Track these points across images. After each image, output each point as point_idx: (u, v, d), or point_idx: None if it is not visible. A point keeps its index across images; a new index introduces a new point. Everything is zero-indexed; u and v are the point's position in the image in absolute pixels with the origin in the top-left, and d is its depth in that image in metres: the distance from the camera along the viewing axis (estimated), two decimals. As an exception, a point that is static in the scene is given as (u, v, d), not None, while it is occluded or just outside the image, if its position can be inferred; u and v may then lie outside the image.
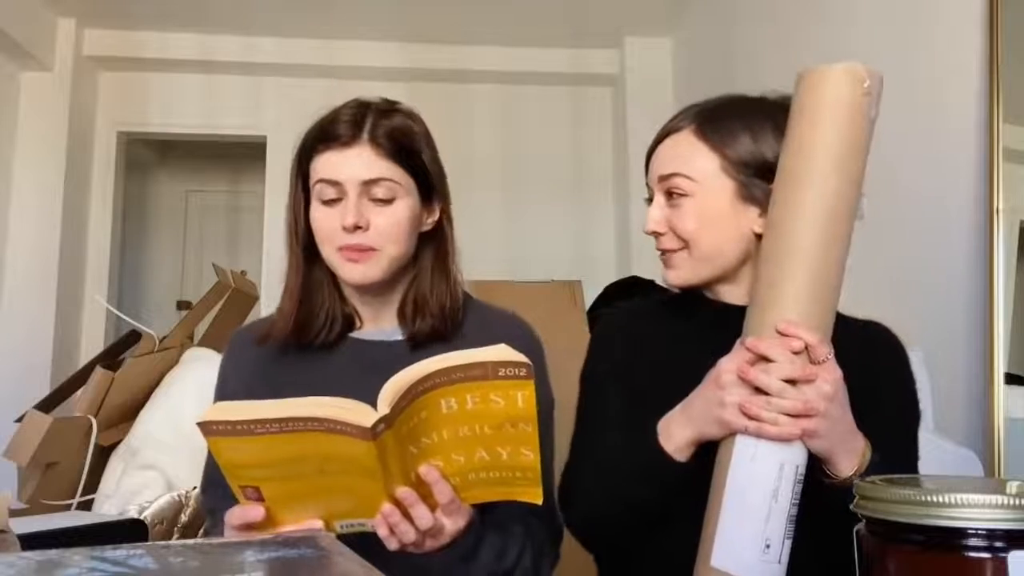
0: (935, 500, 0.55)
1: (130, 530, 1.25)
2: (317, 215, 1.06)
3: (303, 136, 1.09)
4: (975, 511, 0.54)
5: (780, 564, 0.85)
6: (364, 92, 1.13)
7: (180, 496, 1.58)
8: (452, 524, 0.88)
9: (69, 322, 3.91)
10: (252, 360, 1.14)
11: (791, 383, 0.85)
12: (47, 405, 2.00)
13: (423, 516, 0.84)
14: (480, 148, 4.11)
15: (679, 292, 1.09)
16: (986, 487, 0.55)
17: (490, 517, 0.95)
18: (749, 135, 1.01)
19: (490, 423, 0.81)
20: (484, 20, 3.85)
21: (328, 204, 1.05)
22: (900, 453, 0.99)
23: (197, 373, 1.89)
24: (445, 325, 1.10)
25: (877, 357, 1.03)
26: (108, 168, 4.16)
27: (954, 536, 0.54)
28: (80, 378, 2.06)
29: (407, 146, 1.06)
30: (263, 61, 4.06)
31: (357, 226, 1.03)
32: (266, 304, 3.01)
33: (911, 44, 1.94)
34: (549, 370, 1.13)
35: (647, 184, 1.08)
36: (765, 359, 0.86)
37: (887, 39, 2.04)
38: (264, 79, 4.16)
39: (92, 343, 3.93)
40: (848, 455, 0.87)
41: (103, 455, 1.87)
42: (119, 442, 1.89)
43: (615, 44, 4.05)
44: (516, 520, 1.01)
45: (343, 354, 1.11)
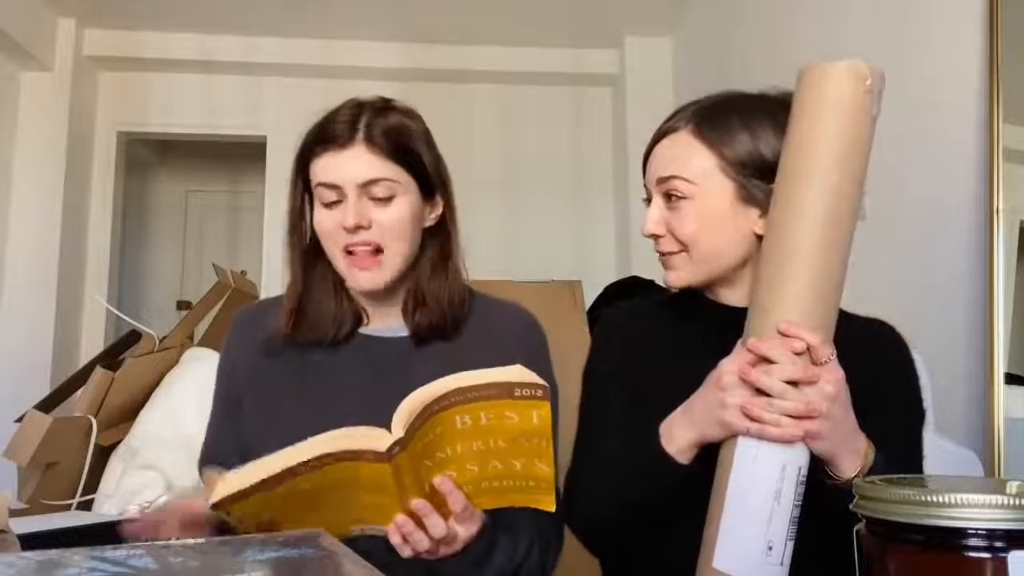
0: (935, 500, 0.55)
1: (130, 530, 1.25)
2: (320, 218, 1.06)
3: (302, 139, 1.09)
4: (975, 511, 0.54)
5: (783, 566, 0.84)
6: (364, 92, 1.12)
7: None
8: (465, 531, 0.88)
9: (69, 322, 3.91)
10: (260, 342, 1.12)
11: (793, 384, 0.85)
12: (47, 405, 2.00)
13: (437, 525, 0.85)
14: (480, 148, 4.11)
15: (679, 292, 1.09)
16: (986, 487, 0.55)
17: (499, 518, 0.95)
18: (748, 134, 0.99)
19: (504, 437, 0.81)
20: (484, 20, 3.84)
21: (330, 207, 1.05)
22: (904, 453, 0.98)
23: (197, 373, 1.89)
24: (445, 321, 1.10)
25: (880, 356, 1.02)
26: (108, 168, 4.16)
27: (954, 536, 0.54)
28: (80, 378, 2.05)
29: (404, 144, 1.06)
30: (263, 61, 4.06)
31: (359, 226, 1.03)
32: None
33: (911, 44, 1.94)
34: (550, 370, 1.13)
35: (645, 185, 1.07)
36: (767, 360, 0.86)
37: (887, 39, 2.04)
38: (264, 79, 4.16)
39: (92, 343, 3.93)
40: (850, 456, 0.87)
41: (103, 455, 1.87)
42: (119, 442, 1.89)
43: (615, 44, 4.05)
44: (524, 517, 0.99)
45: (350, 351, 1.11)
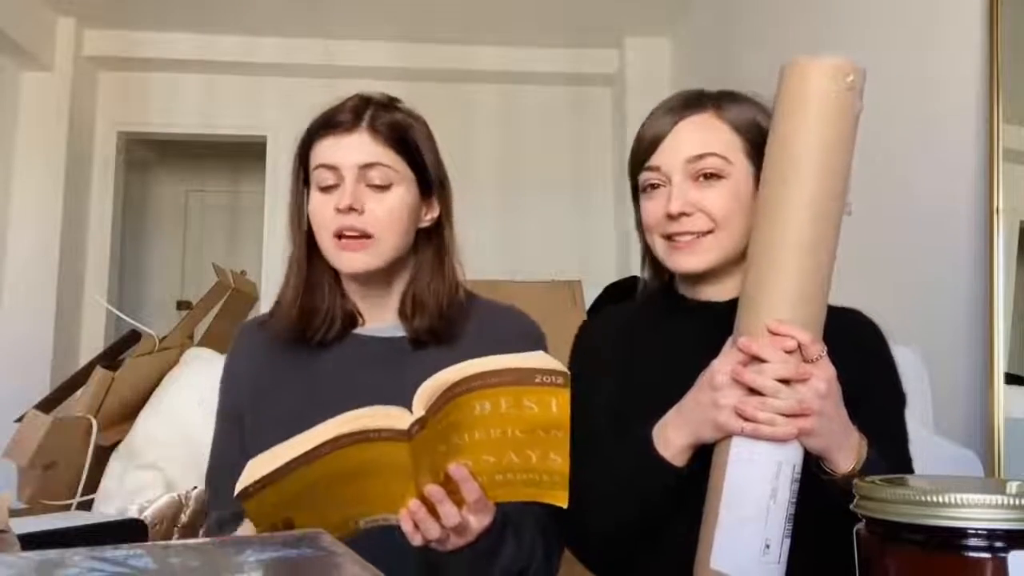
0: (935, 500, 0.55)
1: (130, 530, 1.25)
2: (315, 203, 1.07)
3: (305, 129, 1.10)
4: (975, 511, 0.54)
5: (779, 564, 0.84)
6: (365, 91, 1.12)
7: (180, 496, 1.57)
8: (478, 522, 0.87)
9: (69, 322, 3.91)
10: (260, 351, 1.14)
11: (785, 383, 0.85)
12: (47, 405, 2.00)
13: (450, 513, 0.84)
14: (480, 148, 4.12)
15: (655, 295, 1.10)
16: (986, 487, 0.55)
17: (508, 514, 0.94)
18: (760, 122, 1.00)
19: (522, 427, 0.81)
20: (484, 20, 3.85)
21: (326, 191, 1.06)
22: (894, 441, 0.99)
23: (197, 373, 1.89)
24: (443, 325, 1.10)
25: (859, 346, 1.02)
26: (108, 168, 4.17)
27: (954, 536, 0.54)
28: (80, 378, 2.05)
29: (406, 136, 1.08)
30: (263, 61, 4.06)
31: (352, 208, 1.03)
32: (266, 305, 2.99)
33: (911, 44, 1.94)
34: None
35: (644, 174, 1.04)
36: (758, 359, 0.86)
37: (887, 40, 2.04)
38: (264, 79, 4.16)
39: (92, 343, 3.93)
40: (845, 451, 0.87)
41: (103, 455, 1.87)
42: (119, 442, 1.89)
43: (615, 44, 4.05)
44: (531, 515, 1.00)
45: (343, 349, 1.11)
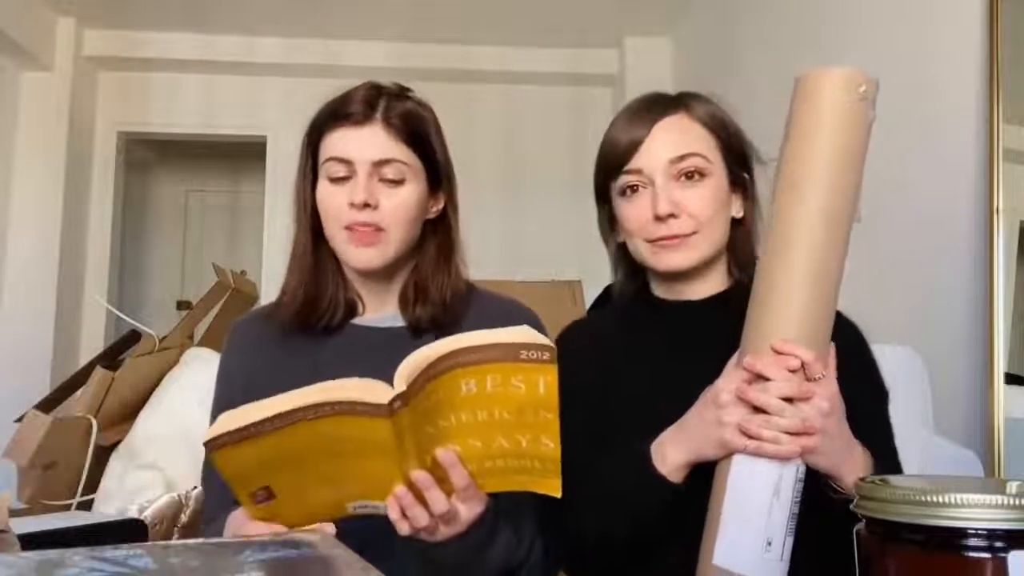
0: (935, 500, 0.55)
1: (130, 530, 1.25)
2: (324, 193, 1.05)
3: (314, 115, 1.08)
4: (975, 511, 0.54)
5: (782, 561, 0.84)
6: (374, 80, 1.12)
7: (180, 496, 1.58)
8: (467, 511, 0.84)
9: (69, 322, 3.91)
10: (254, 344, 1.12)
11: (789, 401, 0.85)
12: (47, 405, 2.00)
13: (438, 500, 0.81)
14: (480, 148, 4.11)
15: (633, 299, 1.10)
16: (986, 487, 0.55)
17: (502, 508, 0.92)
18: (728, 123, 1.04)
19: (509, 409, 0.78)
20: (484, 20, 3.85)
21: (336, 182, 1.04)
22: (878, 434, 0.99)
23: (197, 373, 1.89)
24: (445, 315, 1.09)
25: (844, 347, 1.00)
26: (108, 168, 4.17)
27: (954, 536, 0.54)
28: (80, 378, 2.05)
29: (419, 130, 1.06)
30: (263, 61, 4.06)
31: (366, 204, 1.01)
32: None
33: (912, 44, 1.94)
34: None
35: (623, 177, 1.02)
36: (762, 378, 0.86)
37: (887, 40, 2.04)
38: (264, 79, 4.16)
39: (92, 343, 3.93)
40: (850, 467, 0.87)
41: (103, 455, 1.87)
42: (119, 442, 1.89)
43: (615, 44, 4.05)
44: (526, 512, 0.98)
45: (344, 338, 1.10)
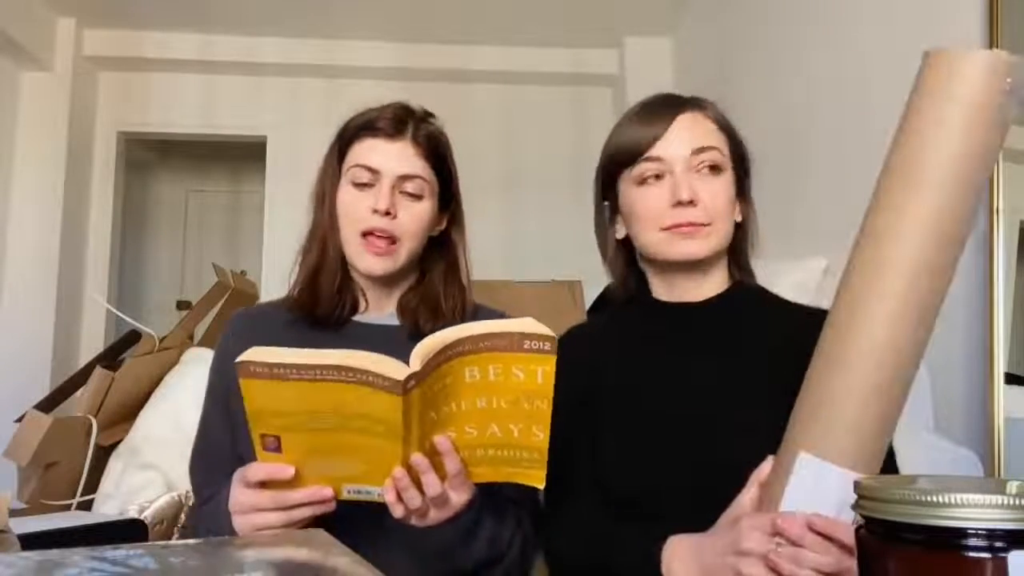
0: (935, 500, 0.55)
1: (130, 530, 1.25)
2: (347, 196, 1.11)
3: (345, 123, 1.15)
4: (975, 511, 0.54)
5: None
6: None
7: (180, 496, 1.57)
8: (457, 497, 0.89)
9: (69, 322, 3.91)
10: (254, 331, 1.13)
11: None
12: (47, 405, 2.00)
13: (432, 484, 0.85)
14: (480, 148, 4.11)
15: (628, 303, 1.11)
16: (986, 487, 0.55)
17: (486, 500, 0.96)
18: (735, 129, 1.04)
19: (508, 397, 0.83)
20: (484, 20, 3.85)
21: (359, 187, 1.11)
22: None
23: (197, 373, 1.89)
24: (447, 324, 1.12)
25: None
26: (108, 168, 4.17)
27: (954, 536, 0.54)
28: (80, 378, 2.05)
29: (440, 152, 1.15)
30: (263, 61, 4.06)
31: (387, 212, 1.08)
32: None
33: (912, 45, 1.93)
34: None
35: (641, 165, 1.01)
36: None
37: (887, 40, 2.04)
38: (264, 79, 4.16)
39: (92, 343, 3.93)
40: None
41: (103, 455, 1.87)
42: (119, 442, 1.89)
43: (615, 44, 4.05)
44: (509, 507, 1.03)
45: (346, 335, 1.14)
